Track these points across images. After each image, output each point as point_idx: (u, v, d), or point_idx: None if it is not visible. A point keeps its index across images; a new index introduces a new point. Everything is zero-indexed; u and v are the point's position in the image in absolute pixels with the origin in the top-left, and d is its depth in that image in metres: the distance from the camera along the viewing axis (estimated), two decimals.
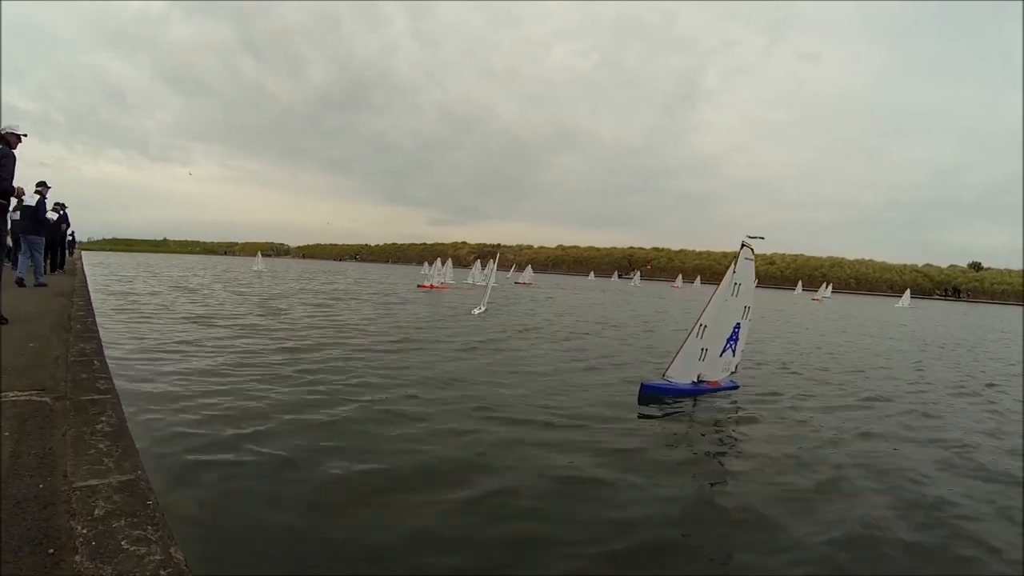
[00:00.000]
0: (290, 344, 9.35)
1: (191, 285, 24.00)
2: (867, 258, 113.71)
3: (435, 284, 31.51)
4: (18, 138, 6.02)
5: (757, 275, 8.43)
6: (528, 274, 47.64)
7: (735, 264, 7.74)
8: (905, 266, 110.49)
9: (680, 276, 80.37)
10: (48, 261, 14.03)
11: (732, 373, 8.27)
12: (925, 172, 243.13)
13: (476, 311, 16.89)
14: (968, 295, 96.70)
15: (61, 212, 15.65)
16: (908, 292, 55.01)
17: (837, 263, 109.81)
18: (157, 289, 20.50)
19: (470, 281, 39.17)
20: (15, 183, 5.93)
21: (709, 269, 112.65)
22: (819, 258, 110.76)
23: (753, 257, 7.87)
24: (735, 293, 7.78)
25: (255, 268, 45.98)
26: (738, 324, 8.04)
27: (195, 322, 11.36)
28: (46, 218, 11.54)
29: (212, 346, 8.77)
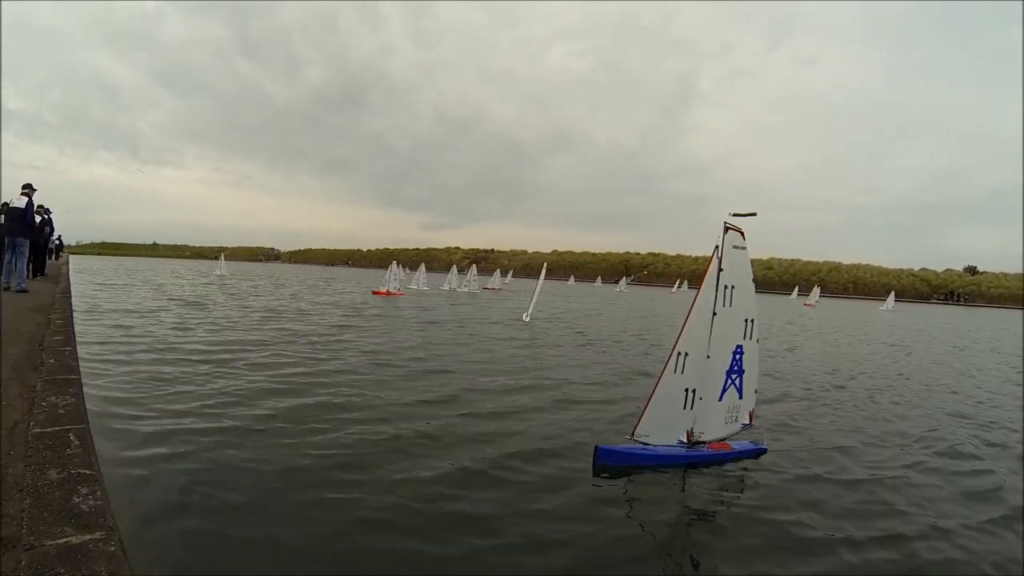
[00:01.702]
0: (383, 418, 6.21)
1: (192, 296, 21.98)
2: (865, 262, 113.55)
3: (391, 290, 29.96)
4: None
5: (755, 279, 5.60)
6: (497, 280, 47.83)
7: (719, 257, 5.08)
8: (902, 270, 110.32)
9: (677, 281, 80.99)
10: (30, 265, 13.39)
11: (746, 427, 5.50)
12: (923, 176, 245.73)
13: (525, 317, 18.70)
14: (965, 299, 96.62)
15: (45, 216, 15.29)
16: (892, 295, 56.06)
17: (834, 268, 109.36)
18: (153, 303, 18.30)
19: (446, 287, 38.92)
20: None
21: (706, 273, 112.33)
22: (816, 262, 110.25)
23: (745, 245, 5.19)
24: (727, 301, 5.10)
25: (217, 272, 47.33)
26: (739, 348, 5.27)
27: (213, 362, 8.65)
28: (33, 220, 11.17)
29: (249, 404, 6.32)
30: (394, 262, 32.26)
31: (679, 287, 75.80)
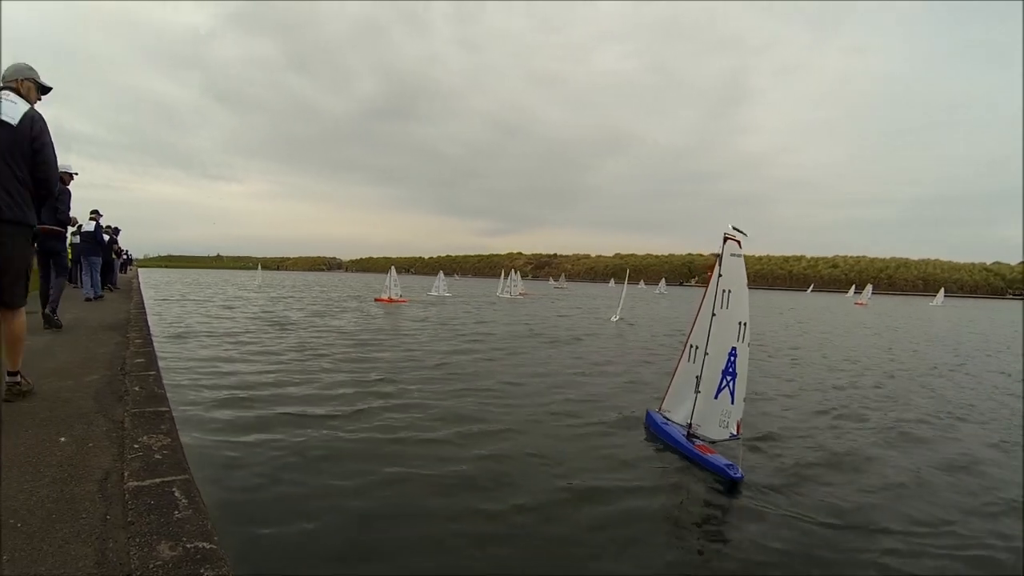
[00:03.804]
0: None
1: (276, 313, 20.74)
2: (934, 257, 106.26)
3: (393, 297, 29.55)
4: (71, 176, 7.22)
5: (819, 278, 6.65)
6: (520, 285, 48.81)
7: (719, 264, 5.90)
8: (974, 265, 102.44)
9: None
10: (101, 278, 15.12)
11: (733, 437, 5.58)
12: (977, 164, 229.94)
13: (613, 319, 19.89)
14: None
15: (113, 236, 17.46)
16: (942, 291, 54.69)
17: (902, 264, 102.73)
18: (237, 322, 16.70)
19: (500, 294, 40.86)
20: (71, 214, 7.31)
21: (771, 274, 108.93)
22: (883, 259, 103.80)
23: (741, 253, 5.73)
24: (724, 304, 5.79)
25: (256, 282, 52.47)
26: (733, 350, 5.61)
27: (319, 412, 7.45)
28: (102, 239, 12.80)
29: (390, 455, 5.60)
30: (392, 268, 31.47)
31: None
